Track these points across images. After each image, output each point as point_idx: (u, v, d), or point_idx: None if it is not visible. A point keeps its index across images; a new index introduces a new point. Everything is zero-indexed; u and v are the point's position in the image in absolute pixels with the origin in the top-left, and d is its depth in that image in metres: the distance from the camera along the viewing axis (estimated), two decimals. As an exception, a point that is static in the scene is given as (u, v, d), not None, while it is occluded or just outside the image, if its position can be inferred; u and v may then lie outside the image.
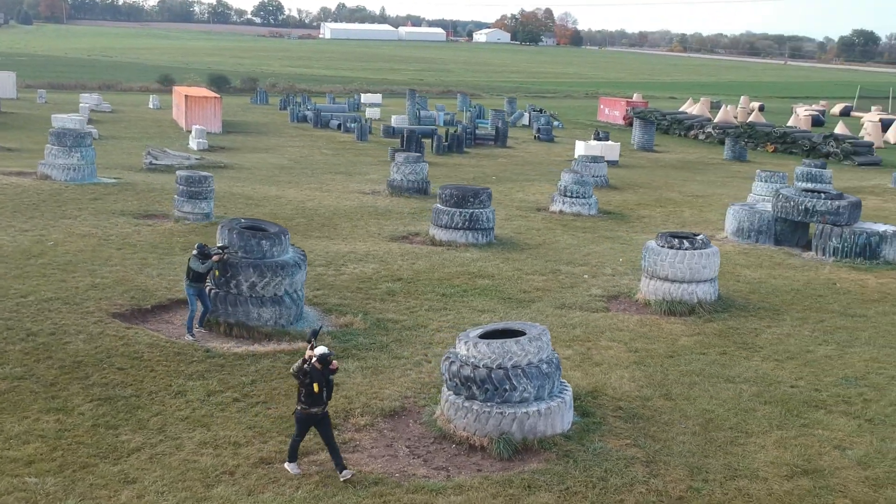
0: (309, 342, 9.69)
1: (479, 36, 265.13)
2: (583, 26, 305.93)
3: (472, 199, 21.23)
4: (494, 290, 17.09)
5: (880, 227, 21.54)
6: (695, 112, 72.27)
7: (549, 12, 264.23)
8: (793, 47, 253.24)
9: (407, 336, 14.11)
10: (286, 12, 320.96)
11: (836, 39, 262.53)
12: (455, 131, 47.04)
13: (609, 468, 9.71)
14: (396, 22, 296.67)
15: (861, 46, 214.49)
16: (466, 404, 10.46)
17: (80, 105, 52.26)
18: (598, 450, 10.12)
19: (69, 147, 25.83)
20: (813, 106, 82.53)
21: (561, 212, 26.58)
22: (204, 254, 13.64)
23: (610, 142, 43.49)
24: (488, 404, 10.35)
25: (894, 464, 10.05)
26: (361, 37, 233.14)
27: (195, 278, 13.68)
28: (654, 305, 16.31)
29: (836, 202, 21.62)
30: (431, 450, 10.34)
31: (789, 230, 22.96)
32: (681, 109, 76.55)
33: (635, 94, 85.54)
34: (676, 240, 16.47)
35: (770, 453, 10.21)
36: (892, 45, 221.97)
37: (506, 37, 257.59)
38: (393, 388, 11.95)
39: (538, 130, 53.68)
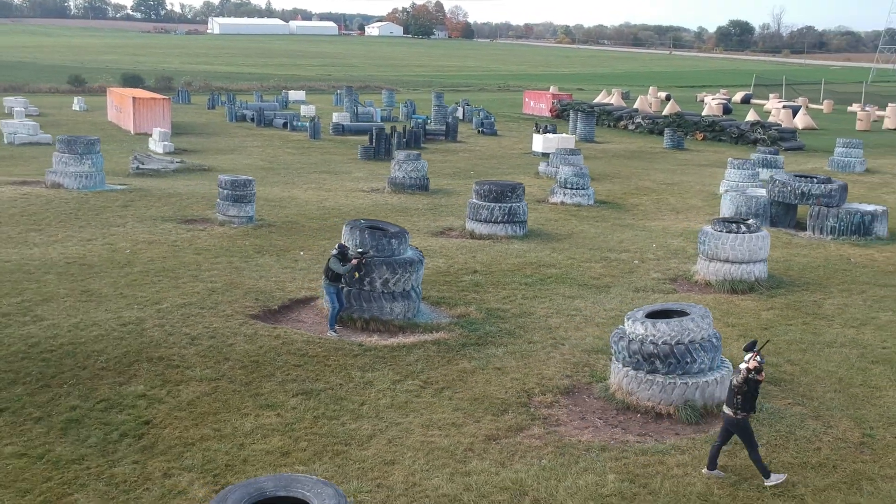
0: (751, 350, 9.63)
1: (372, 29, 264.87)
2: (471, 19, 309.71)
3: (509, 194, 22.48)
4: (567, 277, 18.44)
5: (870, 207, 24.07)
6: (612, 102, 75.49)
7: (439, 5, 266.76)
8: (673, 37, 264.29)
9: (524, 323, 15.28)
10: (168, 7, 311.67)
11: (710, 30, 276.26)
12: (410, 127, 48.00)
13: (790, 423, 11.24)
14: (285, 16, 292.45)
15: (737, 36, 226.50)
16: (650, 377, 11.78)
17: (15, 109, 50.32)
18: (771, 409, 11.65)
19: (80, 154, 25.53)
20: (716, 95, 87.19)
21: (562, 203, 28.14)
22: (344, 255, 14.40)
23: (564, 134, 45.43)
24: (671, 376, 11.71)
25: None
26: (252, 31, 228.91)
27: (333, 278, 14.43)
28: (716, 285, 18.04)
29: (829, 185, 24.01)
30: (622, 419, 11.60)
31: (783, 212, 25.27)
32: (596, 101, 79.68)
33: (552, 87, 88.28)
34: (734, 224, 18.24)
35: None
36: (764, 34, 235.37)
37: (398, 30, 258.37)
38: (550, 369, 13.13)
39: (481, 125, 55.21)
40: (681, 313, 12.31)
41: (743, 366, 9.63)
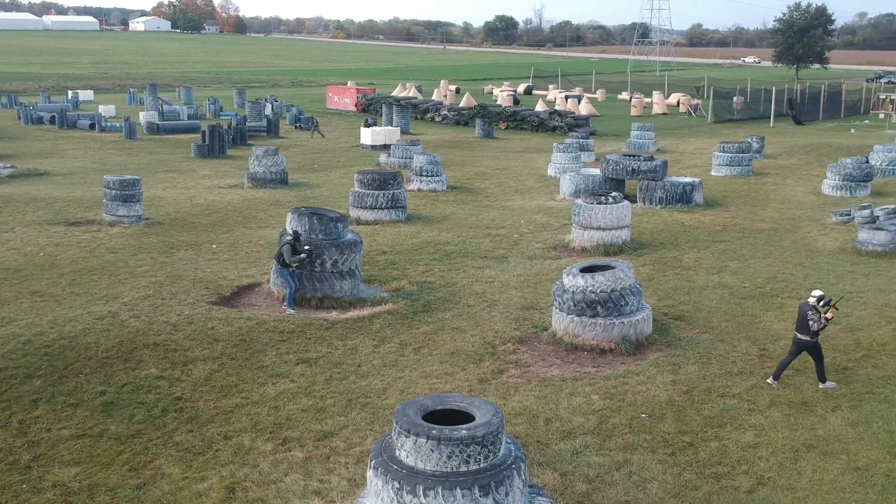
0: (826, 305, 12.34)
1: (137, 24, 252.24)
2: (241, 13, 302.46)
3: (391, 182, 24.27)
4: (466, 252, 20.61)
5: (688, 179, 28.28)
6: (412, 96, 78.56)
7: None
8: (443, 32, 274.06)
9: (454, 291, 17.27)
10: None
11: (476, 25, 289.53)
12: (233, 125, 47.97)
13: (705, 346, 14.12)
14: (34, 9, 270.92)
15: (503, 31, 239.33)
16: (592, 321, 14.21)
17: None
18: (688, 338, 14.49)
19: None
20: (502, 87, 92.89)
21: (419, 189, 30.26)
22: (298, 240, 15.62)
23: (389, 127, 47.52)
24: (610, 318, 14.21)
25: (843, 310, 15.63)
26: (1, 27, 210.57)
27: (283, 263, 15.63)
28: (591, 250, 20.96)
29: (654, 162, 27.93)
30: (574, 357, 13.94)
31: (615, 188, 28.96)
32: (393, 94, 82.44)
33: (350, 82, 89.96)
34: (603, 197, 21.24)
35: (782, 322, 15.27)
36: (528, 29, 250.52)
37: (165, 24, 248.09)
38: (498, 325, 15.24)
39: (298, 120, 56.01)
40: (607, 267, 14.87)
41: (818, 315, 12.26)
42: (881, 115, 67.58)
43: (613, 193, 21.69)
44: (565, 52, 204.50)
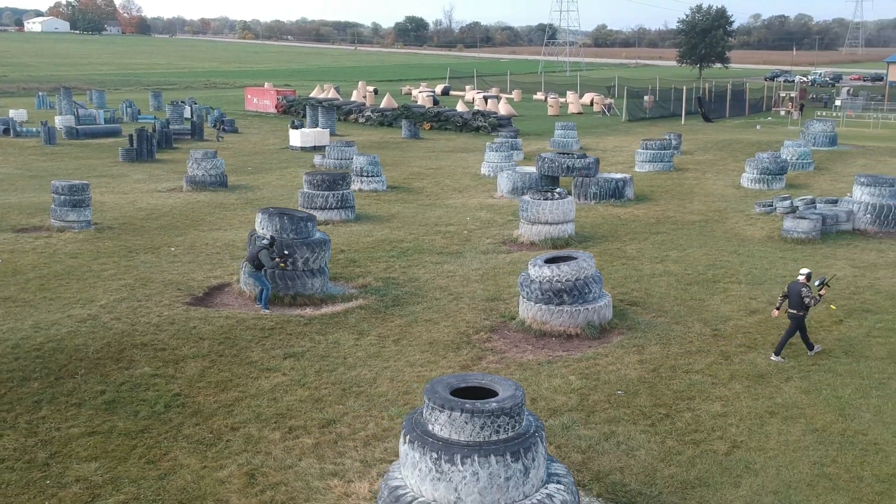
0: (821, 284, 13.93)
1: (33, 25, 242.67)
2: (145, 13, 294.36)
3: (340, 182, 24.74)
4: (421, 249, 21.30)
5: (619, 175, 29.66)
6: (330, 97, 78.57)
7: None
8: (353, 33, 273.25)
9: (418, 285, 17.95)
10: None
11: (384, 25, 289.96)
12: (153, 128, 47.29)
13: (663, 328, 15.22)
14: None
15: (414, 32, 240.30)
16: (559, 308, 15.13)
17: None
18: (646, 322, 15.57)
19: None
20: (420, 88, 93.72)
21: (360, 189, 30.75)
22: (273, 245, 16.00)
23: (319, 129, 47.70)
24: (575, 305, 15.16)
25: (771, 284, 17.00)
26: None
27: (258, 266, 16.01)
28: (540, 243, 21.95)
29: (587, 160, 29.20)
30: (543, 343, 14.82)
31: (547, 184, 30.12)
32: (311, 96, 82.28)
33: (266, 83, 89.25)
34: (549, 192, 22.25)
35: (728, 305, 16.52)
36: (438, 30, 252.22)
37: (64, 25, 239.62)
38: (467, 315, 16.00)
39: (222, 123, 55.51)
40: (569, 258, 15.82)
41: (811, 291, 13.74)
42: (782, 112, 71.30)
43: (559, 189, 22.74)
44: (476, 52, 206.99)
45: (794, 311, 13.79)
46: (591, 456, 10.53)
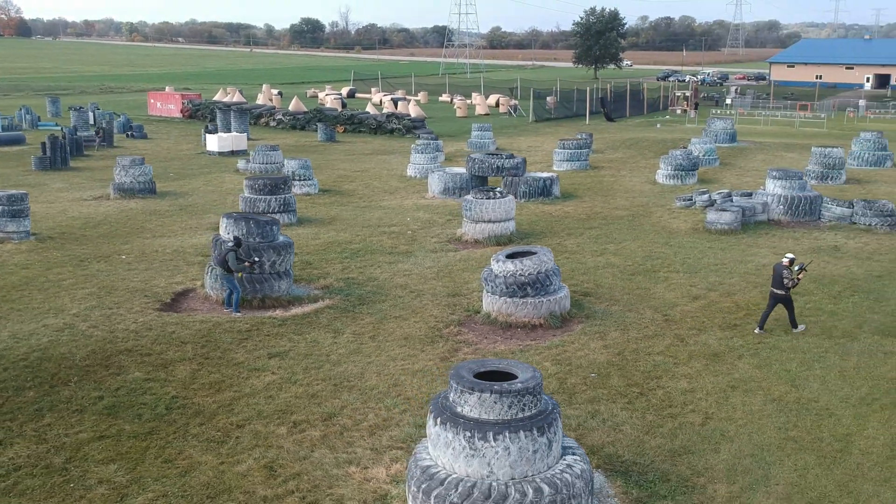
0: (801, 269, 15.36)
1: None
2: (24, 14, 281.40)
3: (282, 187, 24.99)
4: (372, 249, 21.85)
5: (546, 174, 30.89)
6: (235, 101, 77.62)
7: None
8: (246, 35, 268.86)
9: (380, 285, 18.53)
10: None
11: (277, 27, 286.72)
12: (62, 135, 45.92)
13: (618, 316, 16.31)
14: None
15: (310, 34, 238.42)
16: (523, 300, 16.02)
17: None
18: (601, 310, 16.63)
19: None
20: (326, 90, 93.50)
21: (294, 193, 30.93)
22: (240, 245, 16.27)
23: (236, 133, 47.31)
24: (538, 297, 16.08)
25: (706, 272, 18.39)
26: None
27: (228, 269, 16.27)
28: (484, 241, 22.83)
29: (515, 160, 30.30)
30: (511, 333, 15.67)
31: (479, 184, 31.09)
32: (215, 99, 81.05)
33: (167, 88, 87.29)
34: (491, 192, 23.15)
35: (671, 292, 17.78)
36: (335, 31, 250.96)
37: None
38: (434, 311, 16.71)
39: (130, 128, 54.28)
40: (528, 253, 16.73)
41: (791, 274, 15.16)
42: (678, 111, 74.78)
43: (499, 189, 23.69)
44: (375, 54, 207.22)
45: (775, 290, 15.25)
46: (582, 433, 11.43)
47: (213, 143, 44.79)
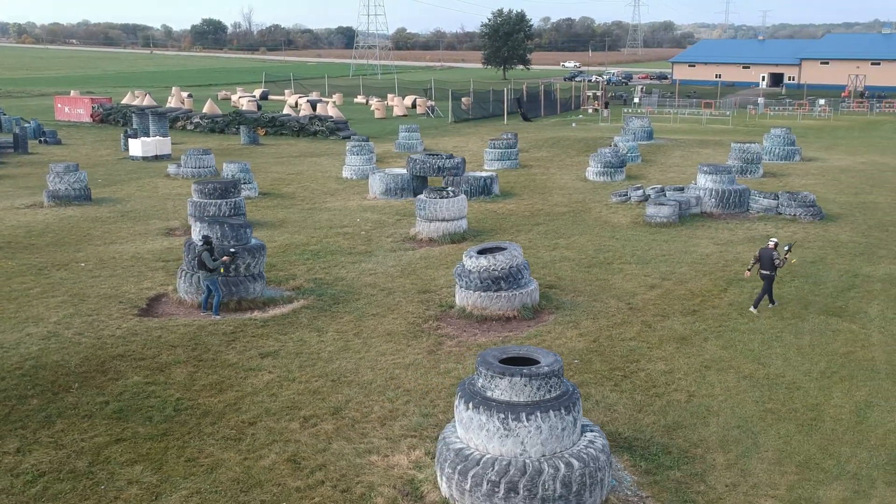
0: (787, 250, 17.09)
1: None
2: None
3: (232, 190, 24.94)
4: (331, 250, 22.14)
5: (485, 174, 31.69)
6: (147, 104, 75.79)
7: None
8: (144, 36, 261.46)
9: (350, 284, 18.89)
10: None
11: (176, 28, 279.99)
12: (-25, 142, 44.18)
13: (587, 305, 17.18)
14: None
15: (212, 35, 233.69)
16: (497, 294, 16.70)
17: None
18: (569, 301, 17.47)
19: None
20: (238, 92, 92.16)
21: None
22: (210, 244, 16.34)
23: (159, 137, 46.40)
24: (511, 290, 16.78)
25: (656, 262, 19.50)
26: None
27: (209, 270, 16.37)
28: (439, 239, 23.43)
29: (456, 160, 31.00)
30: (487, 326, 16.33)
31: (420, 184, 31.68)
32: (124, 102, 78.96)
33: (73, 91, 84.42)
34: (444, 191, 23.75)
35: (629, 282, 18.78)
36: (237, 33, 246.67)
37: None
38: (408, 307, 17.22)
39: (42, 134, 52.53)
40: (499, 249, 17.43)
41: (779, 255, 16.70)
42: (590, 111, 77.10)
43: (451, 188, 24.32)
44: (281, 56, 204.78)
45: (767, 272, 16.69)
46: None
47: (137, 147, 43.89)
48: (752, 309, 16.76)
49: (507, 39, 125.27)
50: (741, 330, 15.77)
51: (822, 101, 75.88)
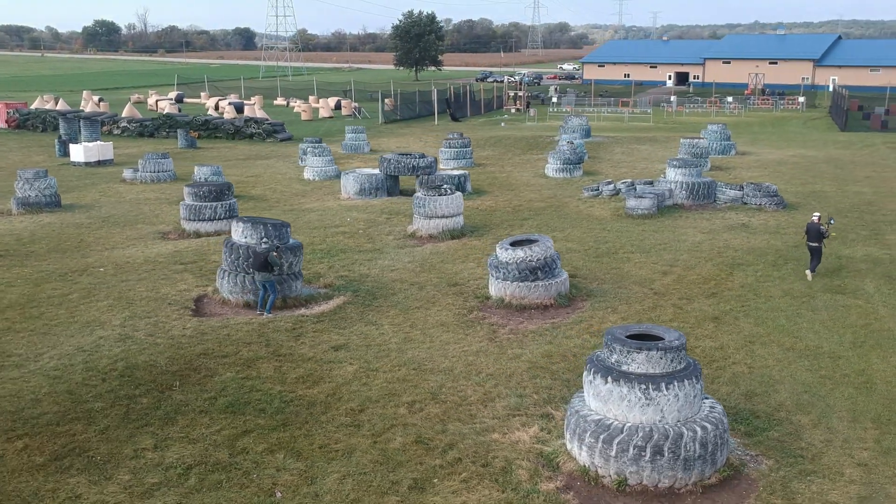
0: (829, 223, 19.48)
1: None
2: None
3: (227, 193, 24.94)
4: (343, 249, 22.51)
5: (457, 172, 32.48)
6: (65, 108, 73.15)
7: None
8: (30, 38, 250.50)
9: (377, 280, 19.38)
10: None
11: (62, 30, 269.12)
12: None
13: (613, 293, 18.24)
14: None
15: (105, 36, 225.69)
16: (535, 284, 17.57)
17: None
18: (594, 289, 18.50)
19: None
20: (153, 96, 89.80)
21: (207, 200, 30.61)
22: (278, 247, 16.66)
23: (100, 142, 45.18)
24: (547, 280, 17.68)
25: (657, 251, 20.78)
26: None
27: (269, 270, 16.59)
28: (438, 236, 24.11)
29: (428, 159, 31.70)
30: (528, 314, 17.17)
31: (392, 184, 32.25)
32: (34, 107, 75.97)
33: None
34: (442, 188, 24.44)
35: (641, 270, 19.96)
36: (132, 34, 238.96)
37: None
38: (446, 299, 17.88)
39: (-34, 140, 50.25)
40: (529, 241, 18.30)
41: (822, 229, 18.81)
42: (513, 111, 78.90)
43: (446, 186, 25.04)
44: (180, 57, 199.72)
45: (815, 244, 18.89)
46: (659, 388, 13.16)
47: (80, 153, 42.69)
48: (808, 272, 19.19)
49: (419, 40, 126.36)
50: (763, 308, 17.14)
51: (730, 99, 80.00)
